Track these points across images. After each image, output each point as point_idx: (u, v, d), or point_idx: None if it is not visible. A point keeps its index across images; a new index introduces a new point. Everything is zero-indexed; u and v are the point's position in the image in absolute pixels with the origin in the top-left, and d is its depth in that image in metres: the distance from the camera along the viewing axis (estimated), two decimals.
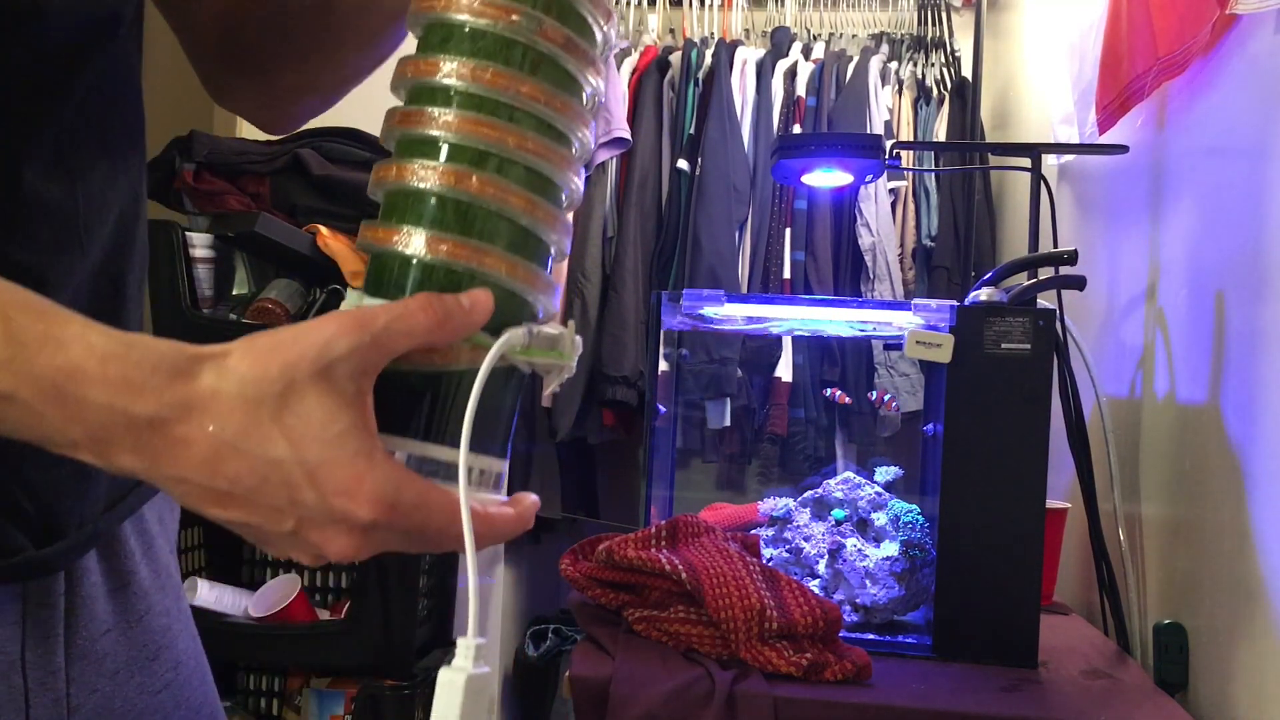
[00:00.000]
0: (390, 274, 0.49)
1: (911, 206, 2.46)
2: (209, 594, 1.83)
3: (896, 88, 2.50)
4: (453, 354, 0.48)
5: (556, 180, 0.51)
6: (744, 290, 2.38)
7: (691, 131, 2.43)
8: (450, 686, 0.46)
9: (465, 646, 0.47)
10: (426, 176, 0.48)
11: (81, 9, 0.53)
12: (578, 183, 0.52)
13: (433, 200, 0.48)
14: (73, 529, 0.59)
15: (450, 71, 0.48)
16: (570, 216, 0.54)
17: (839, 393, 2.24)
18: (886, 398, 1.84)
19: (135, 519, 0.67)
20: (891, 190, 2.44)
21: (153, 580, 0.67)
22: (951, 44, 2.54)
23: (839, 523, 1.36)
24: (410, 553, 0.49)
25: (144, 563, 0.67)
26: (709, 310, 1.39)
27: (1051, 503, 1.35)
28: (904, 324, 1.34)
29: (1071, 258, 1.38)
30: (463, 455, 0.47)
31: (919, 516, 1.34)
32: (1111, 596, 1.41)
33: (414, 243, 0.48)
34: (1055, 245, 1.51)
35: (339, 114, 2.44)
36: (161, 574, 0.69)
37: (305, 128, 2.04)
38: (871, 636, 1.28)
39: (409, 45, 0.54)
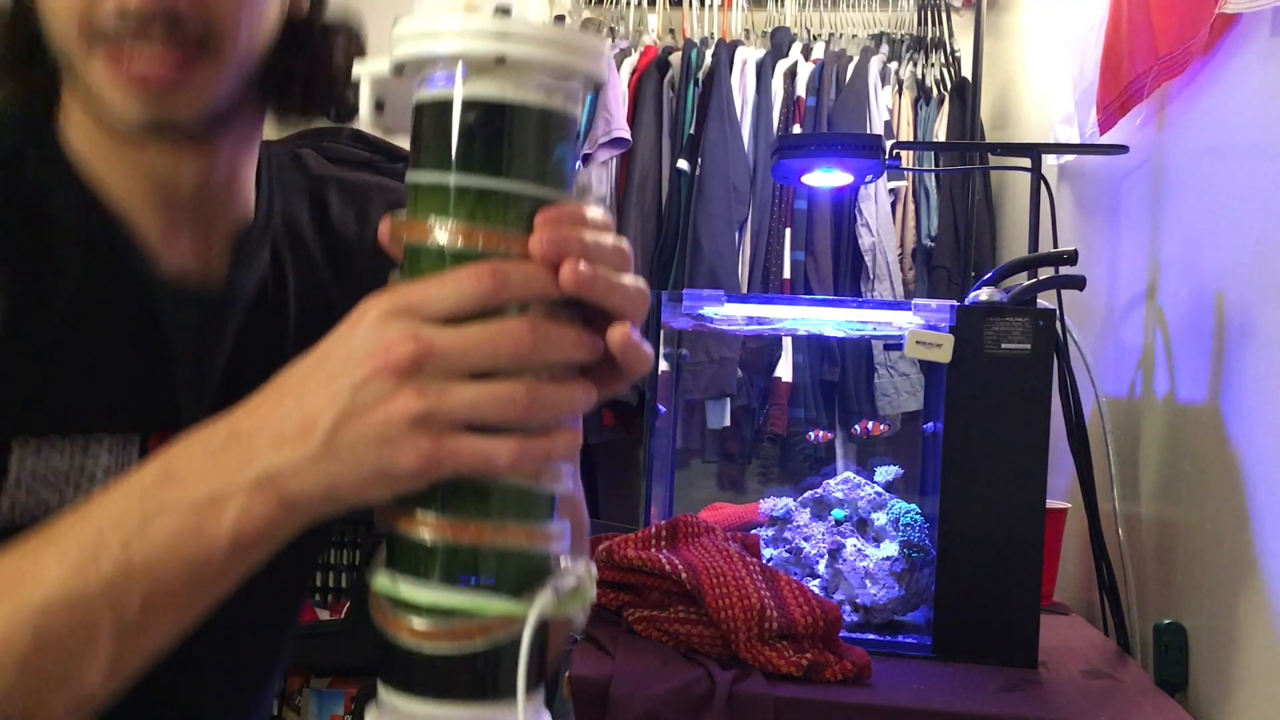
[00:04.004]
0: (412, 558, 0.48)
1: (911, 206, 2.46)
2: None
3: (896, 88, 2.50)
4: (490, 627, 0.48)
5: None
6: (744, 290, 2.38)
7: (691, 131, 2.43)
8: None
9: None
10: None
11: None
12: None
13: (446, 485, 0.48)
14: None
15: None
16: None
17: (821, 434, 2.25)
18: (870, 425, 1.84)
19: None
20: (891, 190, 2.44)
21: None
22: (951, 44, 2.54)
23: (839, 523, 1.36)
24: (504, 413, 0.45)
25: None
26: (709, 310, 1.39)
27: (1051, 503, 1.35)
28: (904, 324, 1.34)
29: (1071, 258, 1.38)
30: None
31: (919, 516, 1.34)
32: (1111, 596, 1.41)
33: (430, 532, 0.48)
34: (1055, 245, 1.51)
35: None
36: None
37: (305, 128, 2.04)
38: (871, 636, 1.28)
39: None
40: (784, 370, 2.35)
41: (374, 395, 0.44)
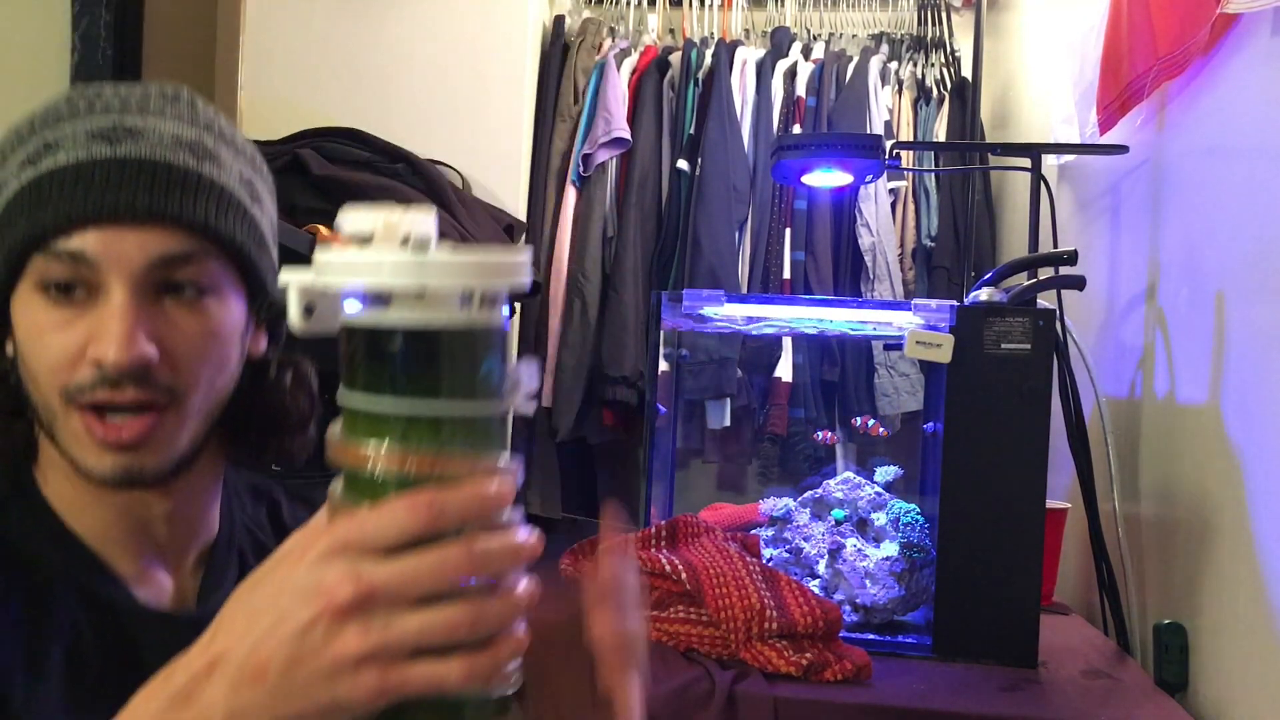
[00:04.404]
0: None
1: (911, 206, 2.45)
2: None
3: (896, 88, 2.50)
4: None
5: None
6: (744, 290, 2.38)
7: (691, 131, 2.43)
8: None
9: None
10: None
11: None
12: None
13: None
14: None
15: None
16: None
17: (829, 434, 2.25)
18: (870, 424, 1.84)
19: None
20: (891, 190, 2.44)
21: None
22: (951, 44, 2.54)
23: (839, 523, 1.36)
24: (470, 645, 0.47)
25: None
26: (709, 310, 1.39)
27: (1051, 503, 1.35)
28: (904, 324, 1.34)
29: (1071, 258, 1.38)
30: None
31: (919, 516, 1.34)
32: (1111, 596, 1.41)
33: None
34: (1055, 245, 1.51)
35: (338, 114, 2.44)
36: None
37: (305, 128, 2.05)
38: (871, 636, 1.28)
39: None
40: (784, 370, 2.34)
41: (321, 637, 0.46)
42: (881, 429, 2.00)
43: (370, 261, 0.46)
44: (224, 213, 0.69)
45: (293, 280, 0.49)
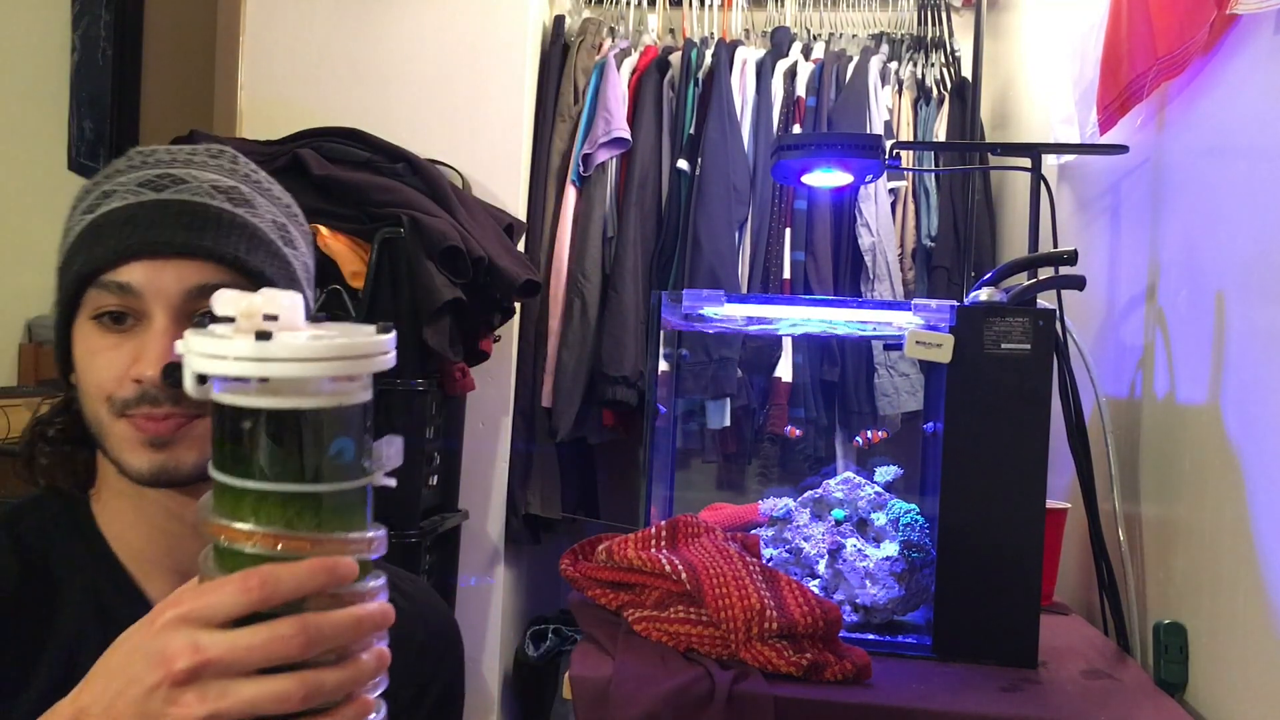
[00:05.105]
0: None
1: (911, 206, 2.46)
2: None
3: (896, 88, 2.50)
4: None
5: None
6: (744, 290, 2.38)
7: (691, 131, 2.43)
8: None
9: None
10: None
11: None
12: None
13: None
14: None
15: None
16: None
17: (790, 427, 2.25)
18: (868, 434, 1.84)
19: None
20: (891, 190, 2.44)
21: None
22: (951, 44, 2.54)
23: (839, 523, 1.36)
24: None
25: None
26: (709, 310, 1.39)
27: (1051, 503, 1.35)
28: (904, 324, 1.34)
29: (1071, 258, 1.38)
30: None
31: (919, 516, 1.34)
32: (1111, 596, 1.41)
33: None
34: (1055, 245, 1.51)
35: (338, 114, 2.43)
36: None
37: (305, 128, 2.05)
38: (871, 636, 1.28)
39: None
40: (784, 370, 2.34)
41: (162, 701, 0.50)
42: (881, 431, 2.00)
43: (219, 352, 0.49)
44: (254, 249, 0.77)
45: (185, 348, 0.52)
